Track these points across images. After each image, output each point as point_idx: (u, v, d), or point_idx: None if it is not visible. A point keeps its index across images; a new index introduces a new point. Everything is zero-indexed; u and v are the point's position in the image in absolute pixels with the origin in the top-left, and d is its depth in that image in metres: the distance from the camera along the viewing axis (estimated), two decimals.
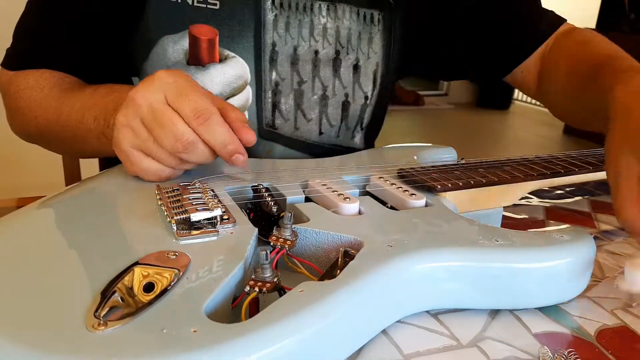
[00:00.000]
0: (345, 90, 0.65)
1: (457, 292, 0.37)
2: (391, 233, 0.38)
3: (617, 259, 0.48)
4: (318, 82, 0.63)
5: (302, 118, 0.64)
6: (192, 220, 0.37)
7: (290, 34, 0.61)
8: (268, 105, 0.62)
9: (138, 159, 0.44)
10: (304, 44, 0.62)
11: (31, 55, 0.59)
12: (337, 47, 0.63)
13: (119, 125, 0.44)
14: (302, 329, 0.28)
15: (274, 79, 0.62)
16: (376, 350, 0.34)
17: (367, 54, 0.65)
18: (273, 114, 0.63)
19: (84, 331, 0.27)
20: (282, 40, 0.61)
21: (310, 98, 0.64)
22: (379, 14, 0.64)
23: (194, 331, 0.27)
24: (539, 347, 0.35)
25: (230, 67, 0.59)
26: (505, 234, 0.39)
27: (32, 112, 0.58)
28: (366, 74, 0.66)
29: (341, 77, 0.64)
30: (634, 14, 3.61)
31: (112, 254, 0.34)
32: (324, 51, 0.63)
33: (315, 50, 0.62)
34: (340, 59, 0.64)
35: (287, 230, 0.37)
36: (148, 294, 0.30)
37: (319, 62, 0.63)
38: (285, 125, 0.64)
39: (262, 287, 0.32)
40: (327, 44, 0.62)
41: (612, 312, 0.39)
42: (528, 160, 0.55)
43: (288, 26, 0.60)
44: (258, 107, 0.62)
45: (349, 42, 0.63)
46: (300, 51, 0.62)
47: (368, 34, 0.64)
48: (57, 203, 0.43)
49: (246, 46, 0.60)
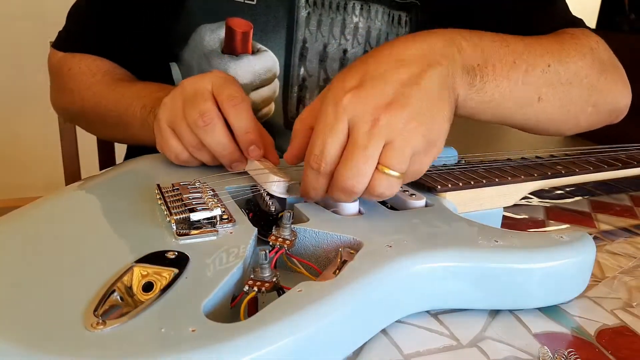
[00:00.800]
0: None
1: (457, 292, 0.37)
2: (390, 233, 0.38)
3: (618, 259, 0.48)
4: None
5: None
6: (192, 219, 0.37)
7: (322, 32, 0.62)
8: (294, 100, 0.65)
9: (167, 135, 0.47)
10: (333, 42, 0.63)
11: (82, 39, 0.63)
12: (367, 48, 0.64)
13: (163, 103, 0.47)
14: (301, 329, 0.28)
15: (302, 74, 0.64)
16: (376, 350, 0.33)
17: None
18: (298, 108, 0.65)
19: (82, 330, 0.26)
20: (313, 37, 0.63)
21: None
22: (406, 16, 0.65)
23: (193, 331, 0.27)
24: (539, 347, 0.35)
25: (261, 60, 0.62)
26: (504, 235, 0.39)
27: (81, 93, 0.61)
28: None
29: None
30: (634, 14, 3.60)
31: (112, 253, 0.34)
32: (353, 50, 0.64)
33: (344, 49, 0.63)
34: None
35: (286, 229, 0.37)
36: (147, 294, 0.29)
37: (347, 61, 0.64)
38: None
39: (261, 286, 0.32)
40: (357, 43, 0.63)
41: (612, 312, 0.39)
42: (528, 161, 0.55)
43: (320, 24, 0.62)
44: (284, 100, 0.64)
45: (378, 42, 0.64)
46: (330, 49, 0.63)
47: (395, 35, 0.65)
48: (56, 202, 0.43)
49: (278, 41, 0.62)
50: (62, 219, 0.40)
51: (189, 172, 0.50)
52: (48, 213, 0.41)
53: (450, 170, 0.51)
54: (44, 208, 0.42)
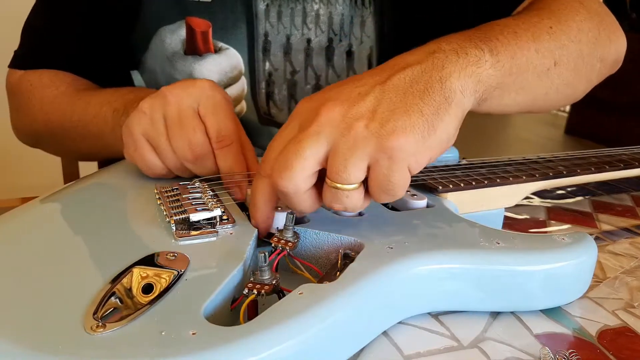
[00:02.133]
0: (338, 78, 0.64)
1: (458, 294, 0.37)
2: (391, 235, 0.38)
3: (619, 259, 0.48)
4: (311, 72, 0.63)
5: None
6: (192, 220, 0.37)
7: (283, 23, 0.61)
8: (262, 96, 0.63)
9: (144, 149, 0.44)
10: (296, 33, 0.61)
11: (40, 54, 0.60)
12: (330, 35, 0.62)
13: (139, 109, 0.43)
14: (302, 332, 0.28)
15: (268, 69, 0.62)
16: (376, 351, 0.33)
17: (360, 39, 0.64)
18: (267, 104, 0.63)
19: (82, 333, 0.26)
20: (275, 29, 0.61)
21: (304, 88, 0.64)
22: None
23: (193, 334, 0.26)
24: (540, 347, 0.34)
25: (224, 58, 0.60)
26: (506, 237, 0.39)
27: (44, 108, 0.58)
28: (360, 59, 0.65)
29: (334, 65, 0.64)
30: (634, 14, 3.60)
31: (111, 255, 0.34)
32: (317, 39, 0.62)
33: (308, 38, 0.62)
34: (334, 47, 0.63)
35: (288, 231, 0.37)
36: (147, 296, 0.29)
37: (312, 51, 0.62)
38: (280, 114, 0.64)
39: (261, 289, 0.31)
40: (320, 31, 0.62)
41: (614, 312, 0.39)
42: (530, 161, 0.55)
43: (280, 15, 0.61)
44: (253, 97, 0.63)
45: (341, 28, 0.63)
46: (293, 40, 0.62)
47: (360, 17, 0.63)
48: (55, 202, 0.42)
49: (239, 37, 0.60)
50: (60, 219, 0.40)
51: None
52: (46, 213, 0.41)
53: (451, 170, 0.51)
54: (41, 208, 0.42)
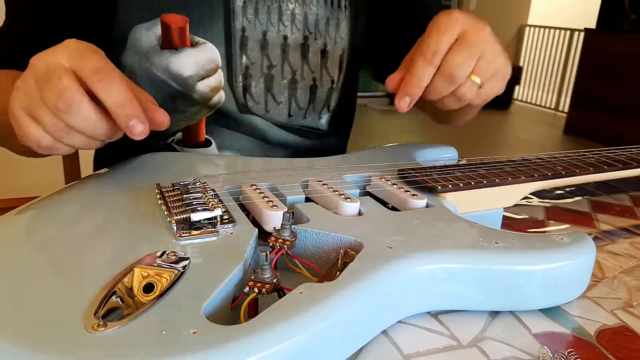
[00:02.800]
0: (313, 74, 0.66)
1: (457, 294, 0.37)
2: (391, 234, 0.38)
3: (618, 259, 0.48)
4: (287, 67, 0.65)
5: (272, 101, 0.66)
6: (192, 220, 0.37)
7: (259, 20, 0.62)
8: (239, 89, 0.64)
9: (23, 122, 0.40)
10: (272, 29, 0.63)
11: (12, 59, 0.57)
12: (306, 33, 0.64)
13: (15, 87, 0.41)
14: (302, 331, 0.28)
15: (244, 63, 0.63)
16: (376, 350, 0.33)
17: (334, 39, 0.66)
18: (244, 96, 0.64)
19: (83, 332, 0.26)
20: (252, 25, 0.62)
21: (280, 82, 0.65)
22: (345, 0, 0.66)
23: (194, 333, 0.27)
24: (539, 347, 0.35)
25: (201, 51, 0.61)
26: (505, 236, 0.39)
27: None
28: (333, 58, 0.67)
29: (309, 62, 0.66)
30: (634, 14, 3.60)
31: (112, 254, 0.34)
32: (293, 36, 0.64)
33: (284, 35, 0.63)
34: (309, 44, 0.65)
35: (286, 230, 0.37)
36: (148, 295, 0.29)
37: (288, 47, 0.64)
38: (257, 106, 0.65)
39: (262, 288, 0.31)
40: (296, 29, 0.64)
41: (612, 312, 0.39)
42: (529, 161, 0.55)
43: (257, 12, 0.62)
44: (231, 89, 0.64)
45: (316, 27, 0.65)
46: (269, 36, 0.63)
47: (335, 19, 0.66)
48: (56, 202, 0.43)
49: (216, 32, 0.61)
50: (61, 219, 0.40)
51: (189, 172, 0.50)
52: (47, 213, 0.41)
53: (450, 170, 0.51)
54: (43, 208, 0.42)
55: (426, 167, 0.53)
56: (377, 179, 0.49)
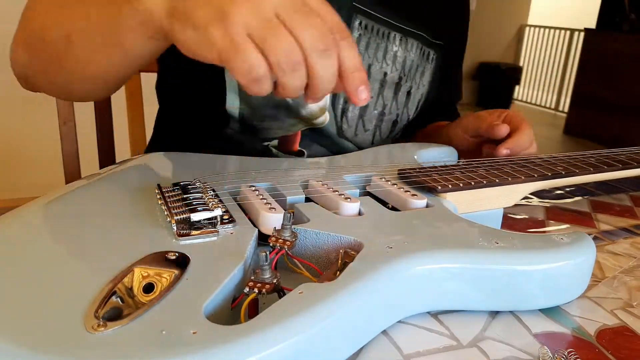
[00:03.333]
0: (397, 111, 0.73)
1: (457, 294, 0.37)
2: (391, 234, 0.38)
3: (618, 259, 0.48)
4: (380, 100, 0.70)
5: (362, 127, 0.71)
6: (192, 220, 0.37)
7: (368, 54, 0.66)
8: (339, 111, 0.68)
9: (245, 44, 0.36)
10: (376, 65, 0.68)
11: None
12: (401, 74, 0.70)
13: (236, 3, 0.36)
14: (302, 331, 0.28)
15: None
16: (376, 350, 0.33)
17: (418, 85, 0.73)
18: (341, 118, 0.68)
19: (83, 332, 0.26)
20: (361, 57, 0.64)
21: (372, 112, 0.70)
22: (433, 54, 0.73)
23: (194, 333, 0.27)
24: (539, 347, 0.35)
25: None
26: (505, 236, 0.39)
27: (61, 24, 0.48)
28: (414, 101, 0.74)
29: (397, 100, 0.72)
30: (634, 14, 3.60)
31: (112, 254, 0.34)
32: (391, 75, 0.69)
33: (385, 72, 0.68)
34: (401, 84, 0.71)
35: (286, 230, 0.37)
36: (148, 295, 0.29)
37: (386, 83, 0.69)
38: (348, 130, 0.70)
39: (262, 288, 0.31)
40: (395, 69, 0.69)
41: (612, 312, 0.39)
42: (529, 161, 0.55)
43: (367, 47, 0.66)
44: (333, 111, 0.68)
45: (409, 71, 0.71)
46: (373, 70, 0.68)
47: (423, 67, 0.73)
48: (56, 202, 0.43)
49: None
50: (61, 219, 0.40)
51: (190, 171, 0.50)
52: (47, 213, 0.41)
53: (450, 170, 0.51)
54: (42, 208, 0.42)
55: (426, 167, 0.53)
56: (377, 179, 0.49)
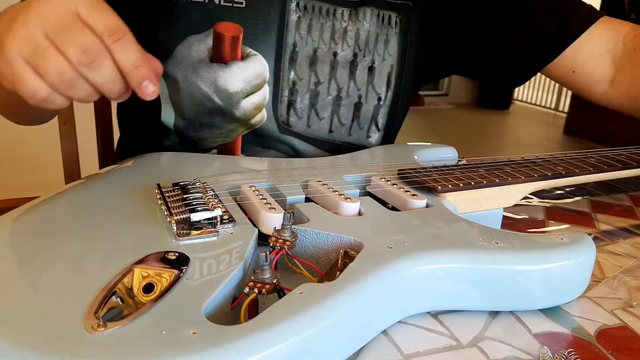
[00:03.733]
0: (359, 92, 0.66)
1: (457, 294, 0.37)
2: (391, 234, 0.38)
3: (617, 259, 0.48)
4: (334, 84, 0.65)
5: (315, 117, 0.66)
6: (192, 220, 0.37)
7: (312, 36, 0.62)
8: (284, 104, 0.64)
9: (21, 70, 0.39)
10: (323, 47, 0.63)
11: None
12: (355, 50, 0.64)
13: (14, 28, 0.39)
14: (302, 331, 0.28)
15: (292, 78, 0.63)
16: (376, 350, 0.33)
17: (382, 56, 0.65)
18: (288, 112, 0.64)
19: (83, 332, 0.26)
20: (303, 41, 0.62)
21: (325, 98, 0.65)
22: (396, 17, 0.65)
23: (194, 333, 0.27)
24: (539, 347, 0.35)
25: (250, 65, 0.61)
26: (505, 236, 0.39)
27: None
28: (380, 75, 0.66)
29: (356, 79, 0.65)
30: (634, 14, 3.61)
31: (112, 254, 0.34)
32: (343, 53, 0.64)
33: (334, 52, 0.63)
34: (357, 62, 0.65)
35: (286, 230, 0.37)
36: (148, 295, 0.29)
37: (337, 64, 0.64)
38: (298, 123, 0.65)
39: (262, 288, 0.31)
40: (347, 46, 0.63)
41: (612, 312, 0.39)
42: (529, 161, 0.55)
43: (310, 28, 0.62)
44: (274, 105, 0.63)
45: (366, 44, 0.64)
46: (320, 53, 0.63)
47: (385, 35, 0.65)
48: (56, 202, 0.43)
49: (268, 45, 0.61)
50: (61, 219, 0.40)
51: (190, 171, 0.50)
52: (47, 213, 0.41)
53: (450, 170, 0.51)
54: (43, 208, 0.42)
55: (426, 167, 0.53)
56: (377, 179, 0.49)
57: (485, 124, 4.15)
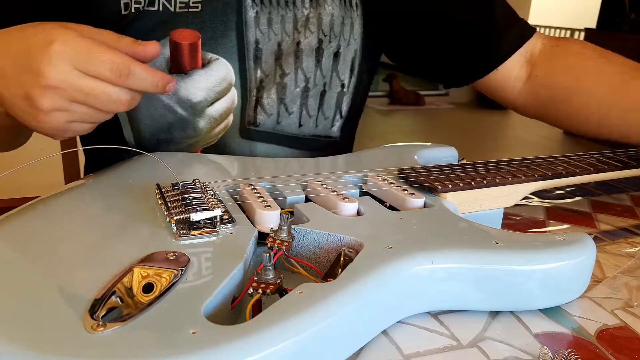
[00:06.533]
0: (324, 79, 0.64)
1: (457, 293, 0.37)
2: (391, 234, 0.38)
3: (618, 259, 0.48)
4: (300, 74, 0.62)
5: (285, 112, 0.63)
6: (192, 220, 0.37)
7: (274, 30, 0.59)
8: (252, 103, 0.61)
9: (79, 129, 0.46)
10: (287, 39, 0.60)
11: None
12: (320, 36, 0.61)
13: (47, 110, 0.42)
14: (301, 331, 0.28)
15: (259, 76, 0.60)
16: (376, 350, 0.33)
17: (347, 41, 0.63)
18: (255, 110, 0.61)
19: (82, 332, 0.26)
20: (265, 37, 0.59)
21: (293, 91, 0.62)
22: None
23: (193, 333, 0.27)
24: (539, 347, 0.35)
25: (214, 70, 0.58)
26: (505, 236, 0.39)
27: None
28: (345, 61, 0.64)
29: (322, 67, 0.63)
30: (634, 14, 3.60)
31: (112, 254, 0.34)
32: (306, 40, 0.61)
33: (298, 41, 0.60)
34: (323, 48, 0.62)
35: (283, 231, 0.37)
36: (147, 295, 0.29)
37: (301, 52, 0.61)
38: (267, 120, 0.63)
39: (266, 289, 0.31)
40: (310, 32, 0.61)
41: (613, 312, 0.39)
42: (529, 161, 0.55)
43: (270, 22, 0.59)
44: (243, 106, 0.61)
45: (331, 29, 0.61)
46: (284, 46, 0.60)
47: (349, 19, 0.62)
48: (55, 202, 0.43)
49: (230, 47, 0.58)
50: (61, 218, 0.40)
51: (190, 171, 0.50)
52: (47, 213, 0.41)
53: (450, 170, 0.51)
54: (42, 208, 0.42)
55: (426, 167, 0.53)
56: (376, 179, 0.49)
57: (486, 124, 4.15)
